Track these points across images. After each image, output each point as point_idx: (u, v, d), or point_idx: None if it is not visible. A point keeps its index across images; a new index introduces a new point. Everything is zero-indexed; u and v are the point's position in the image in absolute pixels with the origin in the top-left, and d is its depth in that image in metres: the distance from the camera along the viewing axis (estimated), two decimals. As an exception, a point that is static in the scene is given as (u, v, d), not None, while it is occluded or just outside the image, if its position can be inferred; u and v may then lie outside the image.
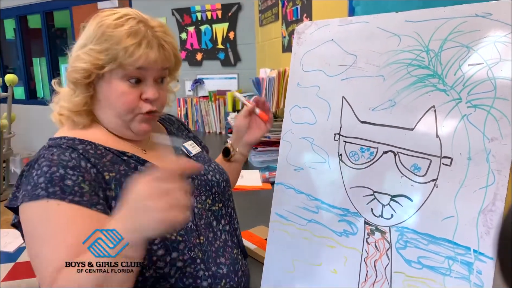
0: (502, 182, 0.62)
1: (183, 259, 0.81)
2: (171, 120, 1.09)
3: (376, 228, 0.76)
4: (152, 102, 0.83)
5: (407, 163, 0.72)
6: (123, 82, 0.80)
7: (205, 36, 3.64)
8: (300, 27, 0.93)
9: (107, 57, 0.78)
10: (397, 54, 0.75)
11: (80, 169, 0.75)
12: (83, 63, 0.79)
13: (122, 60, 0.77)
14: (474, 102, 0.65)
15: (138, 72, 0.80)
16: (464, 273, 0.65)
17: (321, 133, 0.87)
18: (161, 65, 0.82)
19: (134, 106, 0.82)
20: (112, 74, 0.80)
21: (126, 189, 0.64)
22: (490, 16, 0.65)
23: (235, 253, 0.93)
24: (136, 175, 0.68)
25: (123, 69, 0.79)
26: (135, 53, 0.77)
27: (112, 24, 0.78)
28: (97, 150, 0.81)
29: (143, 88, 0.82)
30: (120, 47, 0.77)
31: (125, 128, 0.86)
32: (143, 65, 0.79)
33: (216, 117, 3.36)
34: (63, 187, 0.72)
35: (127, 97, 0.81)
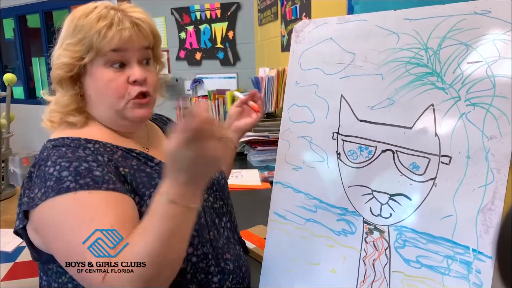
0: (501, 181, 0.62)
1: (197, 254, 0.81)
2: (163, 120, 1.08)
3: (375, 227, 0.76)
4: (141, 84, 0.81)
5: (405, 162, 0.72)
6: (106, 69, 0.79)
7: (204, 36, 3.64)
8: (299, 25, 0.92)
9: (84, 46, 0.77)
10: (395, 52, 0.75)
11: (101, 162, 0.74)
12: (63, 58, 0.79)
13: (97, 44, 0.76)
14: (473, 100, 0.65)
15: (118, 55, 0.78)
16: (463, 272, 0.64)
17: (319, 131, 0.86)
18: (139, 43, 0.80)
19: (123, 91, 0.80)
20: (93, 64, 0.79)
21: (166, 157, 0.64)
22: (489, 14, 0.64)
23: (238, 249, 0.93)
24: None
25: (102, 55, 0.78)
26: (107, 34, 0.76)
27: (82, 15, 0.79)
28: (106, 148, 0.80)
29: (128, 71, 0.80)
30: (92, 33, 0.76)
31: (120, 118, 0.83)
32: (119, 44, 0.77)
33: (216, 117, 3.35)
34: (94, 178, 0.70)
35: (113, 83, 0.79)
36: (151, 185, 0.78)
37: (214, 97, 3.35)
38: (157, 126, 1.02)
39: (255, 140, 2.18)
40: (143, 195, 0.76)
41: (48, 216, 0.69)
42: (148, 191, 0.77)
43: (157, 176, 0.81)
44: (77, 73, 0.80)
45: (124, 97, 0.81)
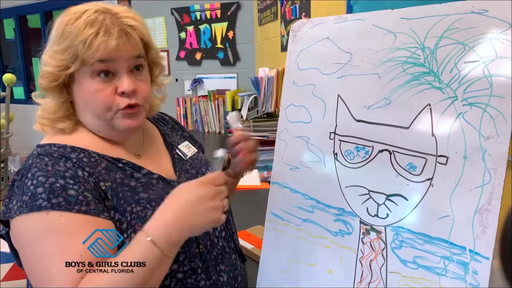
0: (498, 181, 0.61)
1: (183, 271, 0.79)
2: (165, 120, 1.05)
3: (372, 228, 0.75)
4: (130, 96, 0.77)
5: (402, 162, 0.71)
6: (93, 79, 0.75)
7: (204, 36, 3.63)
8: (296, 25, 0.92)
9: (69, 55, 0.74)
10: (392, 51, 0.74)
11: (79, 179, 0.72)
12: (49, 66, 0.75)
13: (82, 54, 0.72)
14: (470, 100, 0.65)
15: (105, 65, 0.74)
16: (460, 273, 0.64)
17: (316, 131, 0.86)
18: (128, 53, 0.76)
19: (110, 103, 0.76)
20: (80, 73, 0.75)
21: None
22: (486, 13, 0.64)
23: (234, 258, 0.91)
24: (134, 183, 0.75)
25: (88, 65, 0.74)
26: (93, 43, 0.72)
27: (72, 19, 0.74)
28: (90, 158, 0.77)
29: (117, 82, 0.76)
30: (78, 41, 0.72)
31: (109, 128, 0.80)
32: (104, 55, 0.73)
33: (215, 117, 3.35)
34: (67, 198, 0.68)
35: (100, 94, 0.75)
36: (134, 201, 0.75)
37: (214, 97, 3.34)
38: (155, 127, 0.99)
39: (254, 140, 2.17)
40: (124, 212, 0.74)
41: (20, 233, 0.69)
42: (129, 207, 0.74)
43: (142, 190, 0.78)
44: (64, 81, 0.77)
45: (112, 109, 0.77)
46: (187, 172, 0.91)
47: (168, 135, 0.99)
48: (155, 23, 3.73)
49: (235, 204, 1.04)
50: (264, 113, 2.40)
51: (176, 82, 3.74)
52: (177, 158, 0.93)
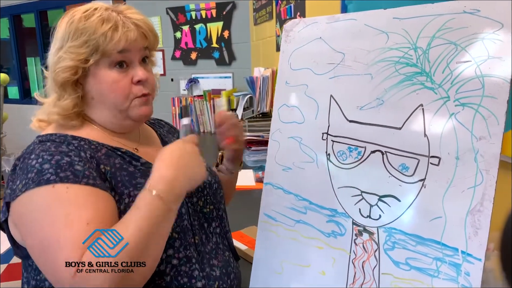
0: (490, 182, 0.61)
1: (178, 257, 0.80)
2: (161, 124, 1.08)
3: (364, 229, 0.75)
4: (144, 84, 0.83)
5: (395, 162, 0.71)
6: (111, 70, 0.80)
7: (199, 35, 3.62)
8: (288, 24, 0.91)
9: (89, 48, 0.78)
10: (385, 51, 0.74)
11: (82, 158, 0.74)
12: (68, 61, 0.78)
13: (104, 46, 0.77)
14: (462, 100, 0.64)
15: (122, 56, 0.80)
16: (452, 275, 0.64)
17: (309, 132, 0.85)
18: (142, 44, 0.82)
19: (128, 91, 0.82)
20: (98, 66, 0.79)
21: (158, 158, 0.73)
22: (478, 13, 0.64)
23: (227, 255, 0.92)
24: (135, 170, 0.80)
25: (107, 57, 0.79)
26: (114, 36, 0.77)
27: (82, 17, 0.79)
28: (91, 145, 0.80)
29: (132, 72, 0.82)
30: (98, 35, 0.77)
31: (123, 118, 0.84)
32: (125, 46, 0.79)
33: (211, 117, 3.34)
34: (75, 172, 0.71)
35: (119, 83, 0.80)
36: (132, 184, 0.78)
37: (209, 97, 3.34)
38: (152, 129, 1.02)
39: (249, 140, 2.17)
40: (122, 194, 0.76)
41: (26, 209, 0.70)
42: (127, 190, 0.77)
43: (140, 175, 0.81)
44: (79, 76, 0.80)
45: (129, 97, 0.82)
46: None
47: (165, 135, 1.02)
48: (150, 22, 3.72)
49: (229, 204, 1.03)
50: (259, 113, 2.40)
51: (171, 82, 3.73)
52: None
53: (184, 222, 0.82)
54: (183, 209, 0.82)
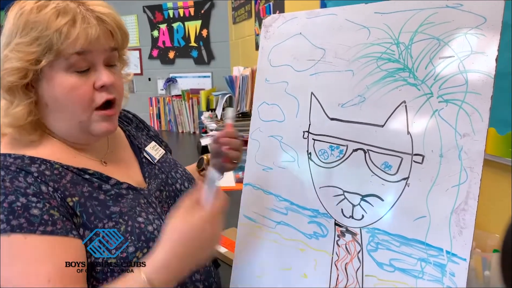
0: (474, 180, 0.59)
1: None
2: (128, 118, 0.97)
3: (347, 230, 0.73)
4: (109, 89, 0.71)
5: (377, 161, 0.69)
6: (68, 74, 0.68)
7: (177, 34, 3.57)
8: (268, 20, 0.89)
9: (40, 47, 0.65)
10: (366, 47, 0.72)
11: (43, 195, 0.64)
12: (15, 62, 0.66)
13: (59, 45, 0.65)
14: (446, 96, 0.63)
15: (83, 58, 0.68)
16: (437, 275, 0.62)
17: (290, 131, 0.83)
18: (107, 43, 0.70)
19: (89, 100, 0.70)
20: (53, 68, 0.68)
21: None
22: (461, 7, 0.62)
23: (208, 265, 0.86)
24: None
25: (64, 58, 0.67)
26: (71, 33, 0.65)
27: (34, 9, 0.66)
28: (53, 170, 0.69)
29: (94, 76, 0.70)
30: (51, 31, 0.65)
31: (82, 132, 0.73)
32: (85, 46, 0.67)
33: (190, 117, 3.29)
34: (30, 218, 0.61)
35: (78, 90, 0.69)
36: (105, 216, 0.70)
37: (188, 96, 3.29)
38: (120, 128, 0.91)
39: (229, 140, 2.13)
40: (96, 227, 0.68)
41: None
42: (101, 223, 0.69)
43: (112, 203, 0.72)
44: (31, 78, 0.68)
45: (90, 106, 0.71)
46: (156, 178, 0.86)
47: (134, 136, 0.93)
48: (126, 21, 3.64)
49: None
50: (239, 112, 2.37)
51: (149, 82, 3.66)
52: (145, 163, 0.88)
53: None
54: (162, 234, 0.74)
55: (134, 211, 0.72)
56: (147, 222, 0.73)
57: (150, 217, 0.74)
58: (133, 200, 0.76)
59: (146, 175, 0.85)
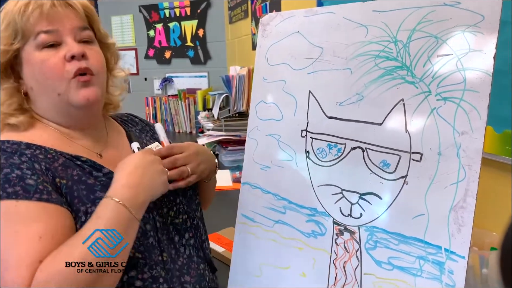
0: (473, 178, 0.59)
1: (142, 278, 0.73)
2: (134, 121, 0.98)
3: (345, 228, 0.73)
4: (80, 60, 0.73)
5: (375, 159, 0.69)
6: (39, 51, 0.73)
7: (173, 34, 3.56)
8: (265, 18, 0.89)
9: (11, 30, 0.72)
10: (364, 45, 0.72)
11: (36, 171, 0.67)
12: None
13: (21, 25, 0.71)
14: (444, 94, 0.63)
15: (48, 36, 0.72)
16: (436, 273, 0.62)
17: (287, 129, 0.83)
18: (71, 23, 0.74)
19: (60, 70, 0.73)
20: (26, 50, 0.73)
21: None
22: (459, 5, 0.62)
23: (202, 268, 0.85)
24: (92, 180, 0.73)
25: (32, 39, 0.72)
26: (27, 10, 0.71)
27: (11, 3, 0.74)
28: (47, 155, 0.72)
29: (64, 48, 0.73)
30: (17, 16, 0.71)
31: (66, 105, 0.75)
32: (46, 21, 0.72)
33: (186, 116, 3.28)
34: (25, 186, 0.64)
35: (48, 62, 0.72)
36: (89, 200, 0.71)
37: (184, 96, 3.28)
38: (122, 128, 0.92)
39: (226, 140, 2.13)
40: (78, 211, 0.69)
41: None
42: (84, 207, 0.70)
43: (100, 188, 0.73)
44: (12, 64, 0.74)
45: (63, 77, 0.73)
46: None
47: (136, 136, 0.92)
48: (122, 21, 3.63)
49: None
50: (236, 112, 2.37)
51: (145, 81, 3.65)
52: None
53: (149, 239, 0.76)
54: (148, 226, 0.76)
55: None
56: None
57: None
58: None
59: None
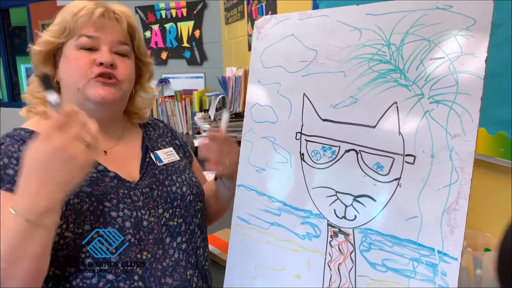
0: (465, 180, 0.60)
1: (115, 272, 0.76)
2: (157, 125, 1.02)
3: (340, 230, 0.73)
4: (108, 68, 0.81)
5: (369, 161, 0.69)
6: (77, 50, 0.82)
7: (170, 35, 3.56)
8: (260, 21, 0.89)
9: (61, 27, 0.82)
10: (358, 48, 0.72)
11: None
12: (44, 37, 0.83)
13: (71, 24, 0.81)
14: (437, 97, 0.63)
15: (89, 41, 0.82)
16: (429, 275, 0.62)
17: (282, 132, 0.83)
18: (112, 35, 0.83)
19: (86, 69, 0.81)
20: (66, 47, 0.83)
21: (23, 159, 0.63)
22: (451, 9, 0.63)
23: (189, 274, 0.86)
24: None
25: (75, 39, 0.82)
26: (78, 14, 0.81)
27: (69, 5, 0.84)
28: None
29: (97, 54, 0.82)
30: (69, 16, 0.82)
31: (83, 99, 0.82)
32: (92, 28, 0.81)
33: (183, 117, 3.29)
34: (3, 176, 0.72)
35: (79, 61, 0.81)
36: (74, 193, 0.74)
37: (181, 97, 3.28)
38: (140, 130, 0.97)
39: (222, 141, 2.13)
40: None
41: None
42: (68, 198, 0.73)
43: (88, 184, 0.77)
44: (54, 55, 0.85)
45: (86, 75, 0.80)
46: (153, 176, 0.88)
47: (151, 139, 0.96)
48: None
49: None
50: (232, 113, 2.37)
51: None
52: (147, 162, 0.90)
53: (126, 236, 0.77)
54: (127, 223, 0.78)
55: (106, 196, 0.77)
56: (114, 208, 0.77)
57: (120, 205, 0.78)
58: (112, 188, 0.80)
59: (143, 172, 0.88)
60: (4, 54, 5.13)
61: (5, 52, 5.12)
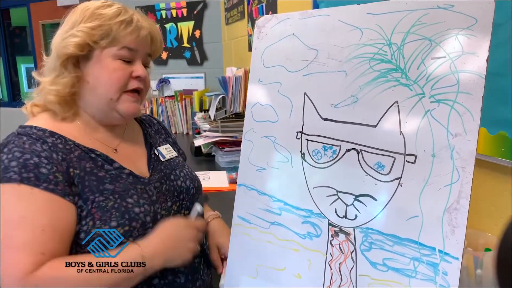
0: (466, 179, 0.60)
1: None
2: (152, 122, 1.07)
3: (340, 230, 0.73)
4: (141, 81, 0.86)
5: (370, 161, 0.69)
6: (115, 60, 0.83)
7: (170, 35, 3.56)
8: (261, 20, 0.89)
9: (101, 31, 0.81)
10: (359, 48, 0.72)
11: (53, 160, 0.75)
12: (78, 38, 0.81)
13: (116, 33, 0.82)
14: (438, 97, 0.63)
15: (128, 52, 0.84)
16: (430, 275, 0.62)
17: (283, 131, 0.83)
18: (146, 49, 0.88)
19: (124, 83, 0.84)
20: (103, 53, 0.83)
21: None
22: (452, 8, 0.63)
23: (196, 262, 0.90)
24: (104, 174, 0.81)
25: (116, 48, 0.83)
26: (128, 27, 0.83)
27: (99, 6, 0.84)
28: (66, 145, 0.80)
29: (133, 67, 0.85)
30: (113, 22, 0.82)
31: (110, 110, 0.85)
32: (135, 41, 0.84)
33: (183, 117, 3.28)
34: (38, 174, 0.72)
35: (118, 73, 0.83)
36: (98, 190, 0.78)
37: (181, 97, 3.27)
38: (140, 127, 1.02)
39: (222, 141, 2.13)
40: (87, 200, 0.76)
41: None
42: (93, 196, 0.77)
43: (110, 181, 0.80)
44: (78, 56, 0.83)
45: (121, 89, 0.84)
46: (160, 172, 0.93)
47: (150, 135, 1.02)
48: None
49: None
50: (232, 113, 2.36)
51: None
52: (153, 158, 0.95)
53: (147, 230, 0.81)
54: (148, 218, 0.81)
55: (127, 192, 0.80)
56: (136, 204, 0.80)
57: (141, 201, 0.82)
58: (131, 184, 0.83)
59: (151, 168, 0.92)
60: (4, 54, 5.13)
61: (5, 52, 5.12)
